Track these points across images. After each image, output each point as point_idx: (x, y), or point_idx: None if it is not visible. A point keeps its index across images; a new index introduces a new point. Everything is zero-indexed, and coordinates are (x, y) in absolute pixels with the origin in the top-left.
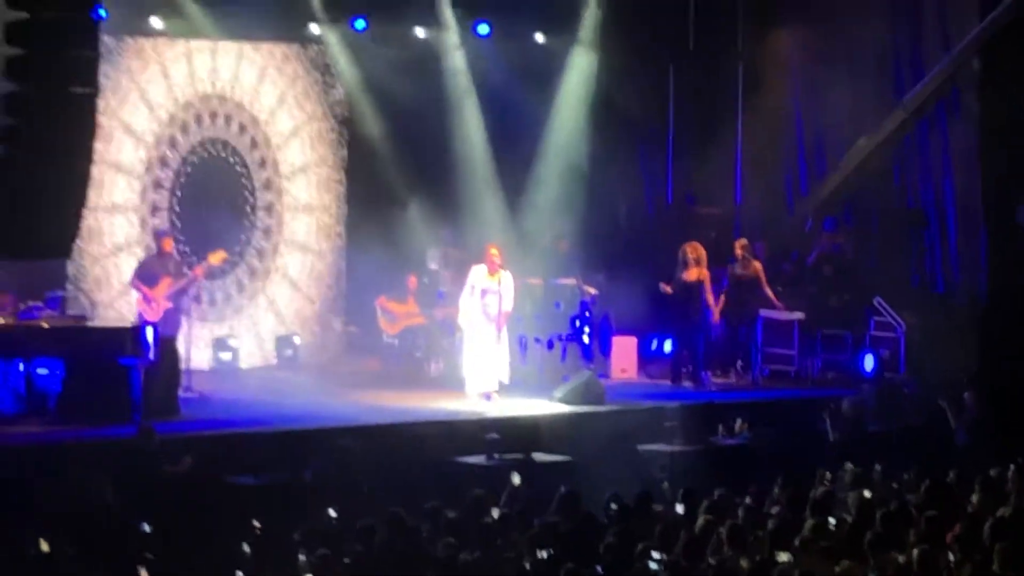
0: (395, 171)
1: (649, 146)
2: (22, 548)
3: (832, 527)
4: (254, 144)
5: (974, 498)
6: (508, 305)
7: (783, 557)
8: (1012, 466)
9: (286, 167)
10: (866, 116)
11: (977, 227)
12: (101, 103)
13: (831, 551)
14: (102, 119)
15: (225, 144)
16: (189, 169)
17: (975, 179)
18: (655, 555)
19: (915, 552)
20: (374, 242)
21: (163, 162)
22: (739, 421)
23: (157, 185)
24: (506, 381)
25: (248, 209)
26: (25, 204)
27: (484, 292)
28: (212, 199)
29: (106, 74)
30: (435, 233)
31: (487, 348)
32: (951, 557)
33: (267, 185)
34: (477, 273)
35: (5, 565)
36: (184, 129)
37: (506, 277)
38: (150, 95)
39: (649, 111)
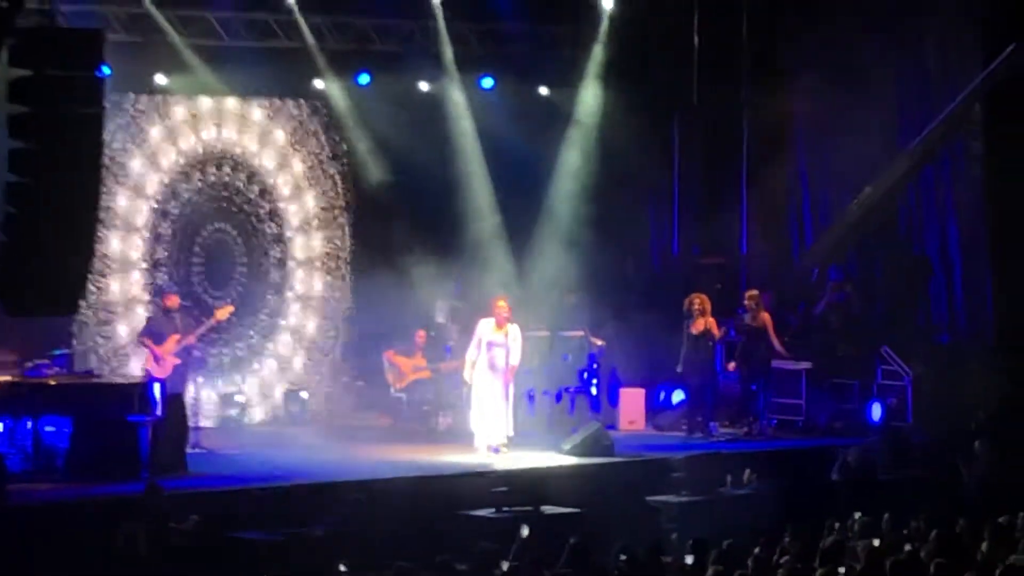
0: (401, 224)
1: (655, 198)
2: None
3: None
4: (261, 196)
5: (984, 546)
6: (516, 358)
7: None
8: (1021, 514)
9: (293, 221)
10: (871, 165)
11: (983, 274)
12: (105, 159)
13: None
14: (105, 175)
15: (230, 199)
16: (196, 224)
17: (980, 226)
18: None
19: None
20: (381, 296)
21: (165, 216)
22: (748, 472)
23: (159, 238)
24: (512, 434)
25: (257, 263)
26: (32, 261)
27: (491, 345)
28: (219, 252)
29: (110, 131)
30: (442, 287)
31: (494, 402)
32: None
33: (276, 239)
34: (484, 326)
35: None
36: (188, 182)
37: (513, 330)
38: (155, 151)
39: (654, 163)
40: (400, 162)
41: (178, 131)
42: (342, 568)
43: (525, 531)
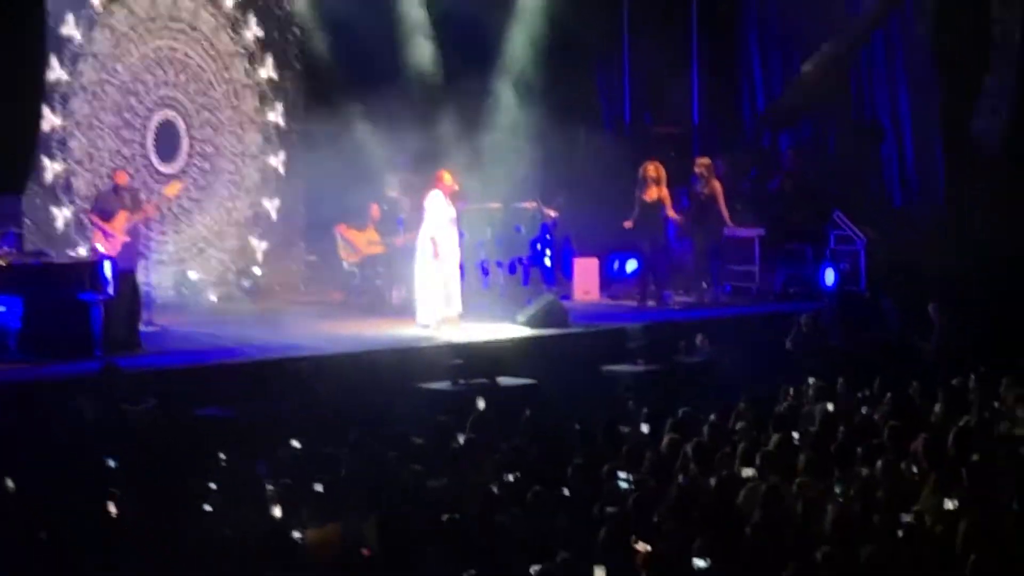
0: (350, 98)
1: (604, 67)
2: None
3: (796, 442)
4: (213, 69)
5: (937, 408)
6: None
7: (747, 472)
8: (973, 375)
9: (244, 95)
10: (822, 31)
11: (934, 138)
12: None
13: (795, 466)
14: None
15: (180, 69)
16: (143, 97)
17: (931, 88)
18: (622, 475)
19: (879, 464)
20: (332, 170)
21: (109, 88)
22: (700, 337)
23: (103, 112)
24: (460, 310)
25: (206, 139)
26: None
27: (438, 219)
28: (168, 128)
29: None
30: (393, 159)
31: (440, 277)
32: (915, 469)
33: (222, 109)
34: (432, 200)
35: None
36: (132, 54)
37: (455, 203)
38: (99, 18)
39: (603, 31)
40: (349, 35)
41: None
42: (295, 444)
43: (481, 404)
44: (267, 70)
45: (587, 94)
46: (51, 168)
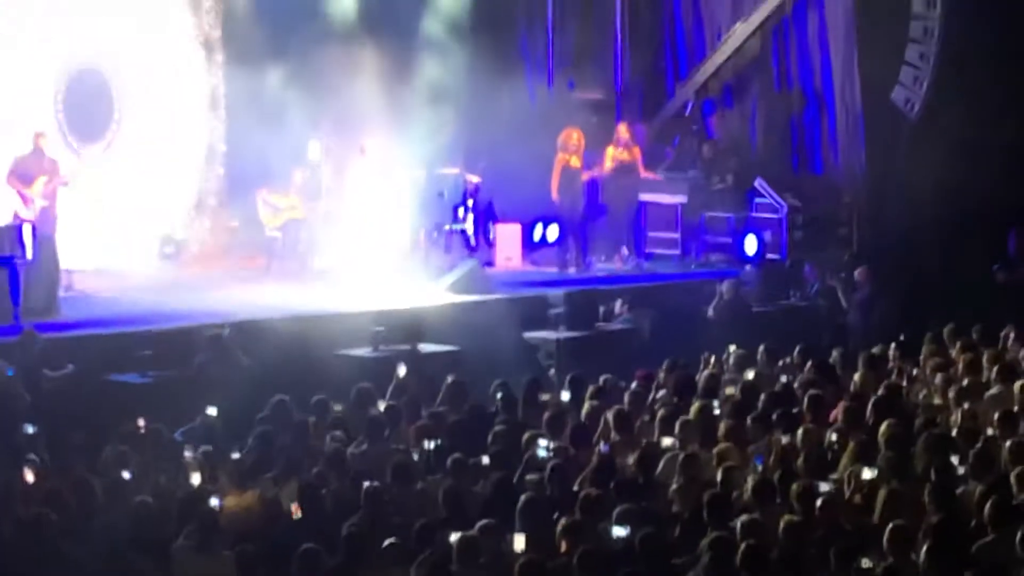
0: (272, 56)
1: (528, 33)
2: None
3: (716, 410)
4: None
5: (857, 376)
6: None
7: (667, 442)
8: (893, 343)
9: (165, 56)
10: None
11: (855, 105)
12: None
13: (715, 434)
14: None
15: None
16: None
17: (852, 61)
18: (543, 443)
19: (799, 432)
20: (253, 134)
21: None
22: (619, 302)
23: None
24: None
25: (129, 103)
26: None
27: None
28: (90, 92)
29: None
30: (315, 126)
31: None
32: (834, 437)
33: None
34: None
35: None
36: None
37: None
38: None
39: None
40: None
41: None
42: (211, 411)
43: (402, 370)
44: (189, 30)
45: (511, 57)
46: None
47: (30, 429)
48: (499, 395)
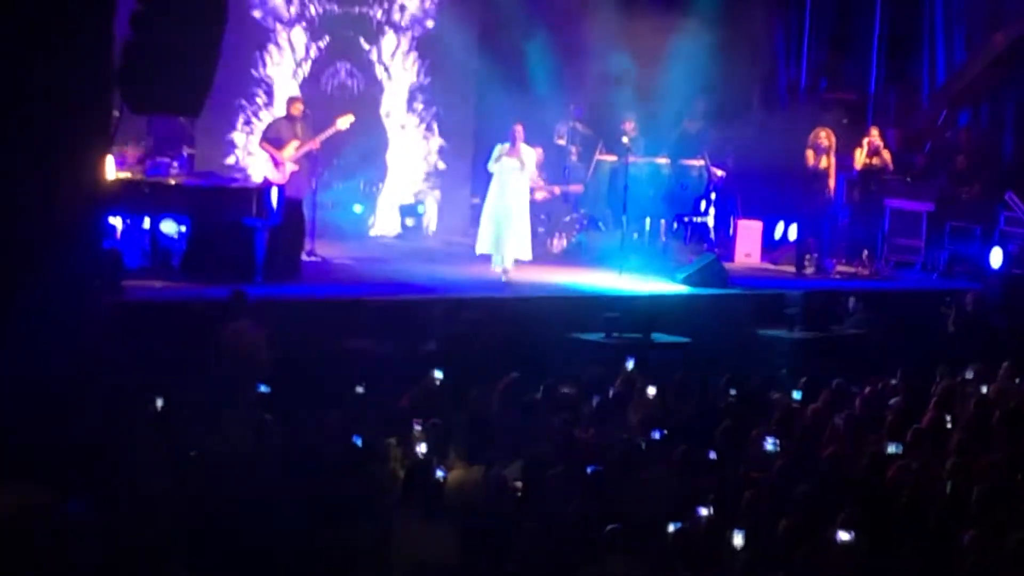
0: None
1: (784, 27)
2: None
3: (949, 424)
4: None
5: None
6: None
7: (892, 449)
8: None
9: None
10: (1009, 5)
11: None
12: None
13: (947, 445)
14: None
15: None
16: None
17: None
18: (770, 441)
19: None
20: (504, 114)
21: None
22: (852, 299)
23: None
24: (528, 258)
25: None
26: (160, 62)
27: (505, 168)
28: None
29: None
30: (565, 108)
31: (509, 224)
32: None
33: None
34: (499, 149)
35: (126, 416)
36: None
37: (527, 151)
38: None
39: None
40: None
41: None
42: (437, 375)
43: (630, 364)
44: None
45: (762, 54)
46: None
47: (263, 388)
48: (730, 391)
